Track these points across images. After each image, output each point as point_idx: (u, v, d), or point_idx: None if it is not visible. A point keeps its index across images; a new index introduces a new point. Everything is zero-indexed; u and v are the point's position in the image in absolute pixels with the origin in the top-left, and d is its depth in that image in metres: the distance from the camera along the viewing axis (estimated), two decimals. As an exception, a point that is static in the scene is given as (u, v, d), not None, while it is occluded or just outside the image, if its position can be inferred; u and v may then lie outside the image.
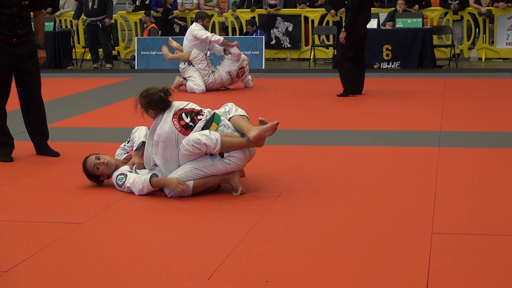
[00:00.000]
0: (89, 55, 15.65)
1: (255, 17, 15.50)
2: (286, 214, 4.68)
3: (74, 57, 15.77)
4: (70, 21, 16.47)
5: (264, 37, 14.56)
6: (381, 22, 13.88)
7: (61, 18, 16.60)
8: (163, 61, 13.73)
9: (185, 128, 5.08)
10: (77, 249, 4.13)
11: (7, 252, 4.09)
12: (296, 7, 15.75)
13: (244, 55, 11.07)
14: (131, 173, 5.26)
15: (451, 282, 3.52)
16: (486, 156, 6.23)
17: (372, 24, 12.75)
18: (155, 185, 5.10)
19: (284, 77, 12.72)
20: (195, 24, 10.98)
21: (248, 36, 14.83)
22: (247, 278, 3.64)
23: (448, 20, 14.82)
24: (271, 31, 15.48)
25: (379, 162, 6.07)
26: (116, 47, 16.31)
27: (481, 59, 14.60)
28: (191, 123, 5.10)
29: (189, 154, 5.04)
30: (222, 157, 5.05)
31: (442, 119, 7.89)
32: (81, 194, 5.27)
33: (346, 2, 10.30)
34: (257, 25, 15.27)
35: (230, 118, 5.18)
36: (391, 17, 13.91)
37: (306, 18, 15.45)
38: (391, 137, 7.11)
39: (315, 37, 15.31)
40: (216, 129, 5.08)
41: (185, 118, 5.12)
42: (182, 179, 5.03)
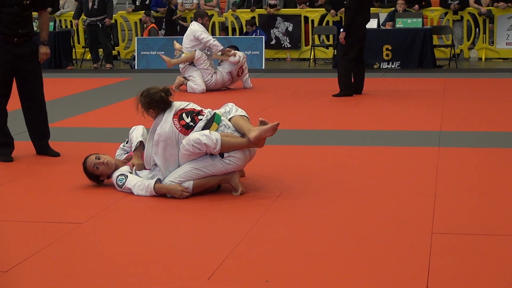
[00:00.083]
0: (89, 55, 15.66)
1: (255, 17, 15.50)
2: (286, 214, 4.68)
3: (74, 57, 15.78)
4: (70, 21, 16.48)
5: (264, 37, 14.56)
6: (381, 22, 13.87)
7: (61, 18, 16.61)
8: (163, 61, 13.73)
9: (185, 128, 5.08)
10: (77, 249, 4.13)
11: (7, 252, 4.09)
12: (296, 7, 15.75)
13: (242, 53, 11.06)
14: (132, 174, 5.26)
15: (451, 282, 3.52)
16: (486, 156, 6.23)
17: (372, 24, 12.76)
18: (158, 192, 5.10)
19: (284, 77, 12.71)
20: (196, 24, 10.87)
21: (248, 36, 14.83)
22: (247, 278, 3.64)
23: (448, 20, 14.83)
24: (271, 31, 15.48)
25: (379, 162, 6.07)
26: (116, 47, 16.32)
27: (481, 59, 14.60)
28: (192, 123, 5.10)
29: (189, 154, 5.04)
30: (222, 157, 5.05)
31: (442, 119, 7.89)
32: (81, 194, 5.27)
33: (345, 2, 10.30)
34: (257, 25, 15.27)
35: (230, 118, 5.18)
36: (391, 17, 13.91)
37: (306, 18, 15.45)
38: (391, 137, 7.11)
39: (315, 37, 15.32)
40: (217, 129, 5.08)
41: (186, 118, 5.12)
42: (182, 179, 5.04)
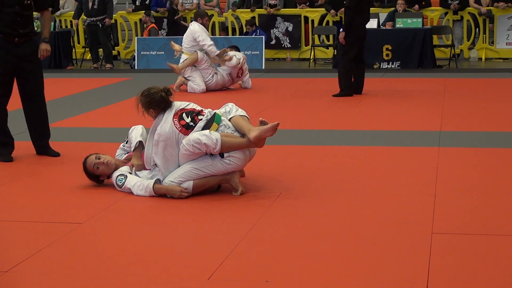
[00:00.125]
0: (89, 55, 15.66)
1: (255, 17, 15.50)
2: (286, 214, 4.68)
3: (74, 57, 15.78)
4: (70, 21, 16.47)
5: (264, 37, 14.55)
6: (381, 22, 13.87)
7: (61, 18, 16.60)
8: (164, 60, 13.74)
9: (185, 128, 5.08)
10: (77, 249, 4.13)
11: (7, 252, 4.09)
12: (296, 7, 15.75)
13: (242, 54, 11.07)
14: (131, 174, 5.26)
15: (451, 282, 3.52)
16: (486, 156, 6.23)
17: (372, 24, 12.76)
18: (157, 192, 5.10)
19: (284, 77, 12.71)
20: (196, 24, 10.87)
21: (248, 36, 14.82)
22: (247, 278, 3.64)
23: (448, 20, 14.82)
24: (271, 31, 15.48)
25: (379, 162, 6.07)
26: (116, 47, 16.31)
27: (481, 59, 14.60)
28: (192, 123, 5.10)
29: (189, 154, 5.04)
30: (222, 157, 5.05)
31: (442, 119, 7.89)
32: (81, 194, 5.27)
33: (344, 2, 10.30)
34: (257, 25, 15.27)
35: (230, 119, 5.18)
36: (391, 17, 13.91)
37: (306, 18, 15.45)
38: (391, 137, 7.11)
39: (315, 37, 15.31)
40: (217, 129, 5.08)
41: (186, 118, 5.12)
42: (182, 179, 5.04)
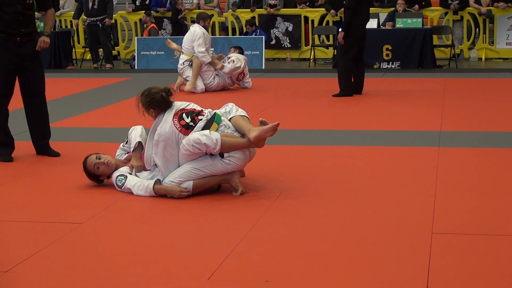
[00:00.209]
0: (89, 55, 15.66)
1: (255, 17, 15.49)
2: (286, 214, 4.68)
3: (74, 57, 15.77)
4: (70, 21, 16.47)
5: (264, 37, 14.55)
6: (381, 22, 13.87)
7: (61, 18, 16.60)
8: (163, 60, 13.75)
9: (185, 128, 5.08)
10: (77, 249, 4.13)
11: (7, 252, 4.09)
12: (296, 7, 15.75)
13: (243, 57, 11.07)
14: (131, 175, 5.26)
15: (451, 282, 3.52)
16: (486, 156, 6.23)
17: (372, 24, 12.76)
18: (157, 192, 5.10)
19: (284, 77, 12.71)
20: (197, 26, 10.92)
21: (248, 36, 14.82)
22: (247, 278, 3.64)
23: (448, 20, 14.82)
24: (271, 31, 15.48)
25: (379, 162, 6.07)
26: (116, 47, 16.31)
27: (481, 59, 14.60)
28: (192, 123, 5.10)
29: (189, 154, 5.04)
30: (222, 157, 5.05)
31: (442, 119, 7.89)
32: (81, 194, 5.27)
33: (344, 2, 10.30)
34: (257, 25, 15.27)
35: (230, 119, 5.18)
36: (391, 17, 13.91)
37: (306, 18, 15.45)
38: (391, 137, 7.11)
39: (315, 37, 15.31)
40: (217, 129, 5.08)
41: (186, 118, 5.12)
42: (182, 179, 5.04)
